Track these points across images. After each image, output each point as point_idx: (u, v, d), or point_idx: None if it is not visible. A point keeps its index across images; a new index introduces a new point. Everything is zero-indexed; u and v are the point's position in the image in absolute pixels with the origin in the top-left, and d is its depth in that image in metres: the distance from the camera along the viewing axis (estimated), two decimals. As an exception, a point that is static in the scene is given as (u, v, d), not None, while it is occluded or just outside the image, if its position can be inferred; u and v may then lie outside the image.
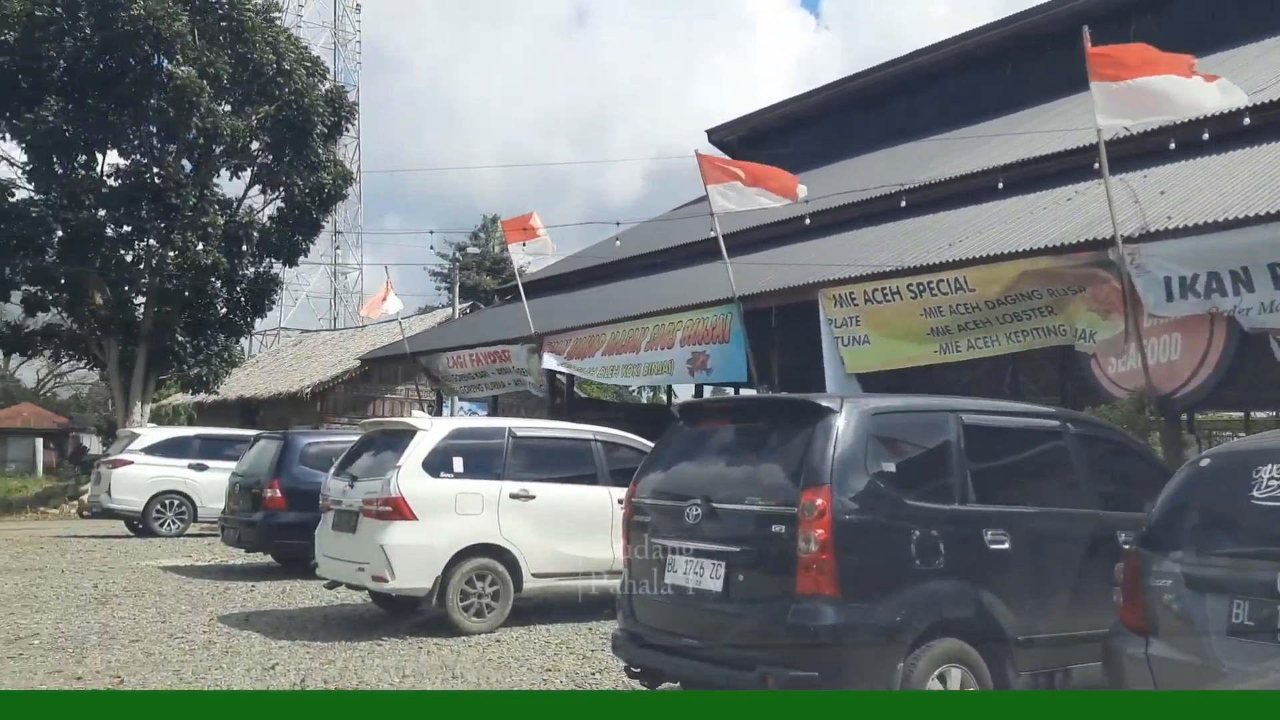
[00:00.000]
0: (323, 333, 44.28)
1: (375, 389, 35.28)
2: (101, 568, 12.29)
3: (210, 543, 15.30)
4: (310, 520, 11.45)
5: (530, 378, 17.72)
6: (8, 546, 14.52)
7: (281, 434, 12.54)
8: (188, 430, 17.24)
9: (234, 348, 25.36)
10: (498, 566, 8.77)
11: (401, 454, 8.69)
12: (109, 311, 23.02)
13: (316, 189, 24.34)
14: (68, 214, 21.69)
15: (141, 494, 15.79)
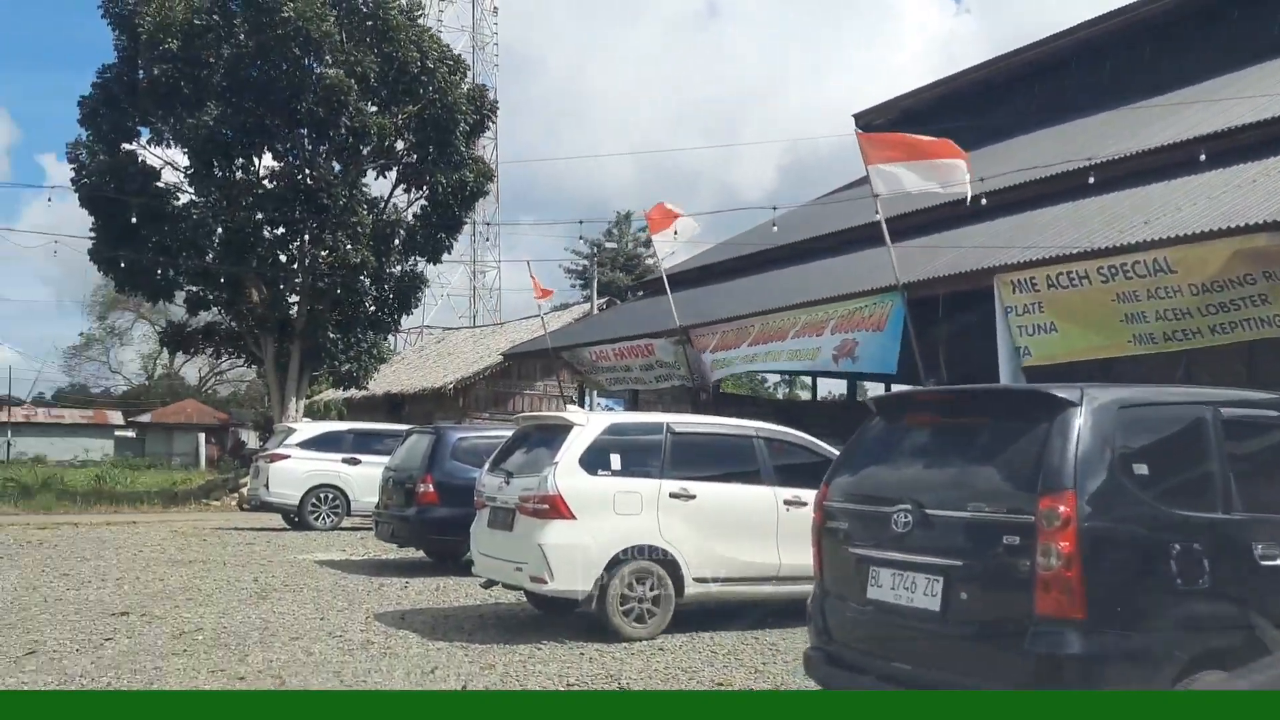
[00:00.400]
0: (463, 330, 45.03)
1: (515, 384, 35.64)
2: (261, 561, 12.42)
3: (363, 537, 15.41)
4: (462, 516, 11.26)
5: (680, 370, 17.23)
6: (174, 539, 14.96)
7: (433, 429, 12.42)
8: (341, 425, 17.49)
9: (382, 344, 25.83)
10: (658, 570, 8.29)
11: (558, 450, 8.31)
12: (265, 309, 23.76)
13: (459, 186, 24.54)
14: (226, 216, 22.46)
15: (297, 488, 16.07)
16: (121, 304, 62.77)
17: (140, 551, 13.15)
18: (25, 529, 16.23)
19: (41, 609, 9.09)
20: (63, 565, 11.80)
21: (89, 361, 64.44)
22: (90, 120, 22.82)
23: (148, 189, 22.49)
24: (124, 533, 15.92)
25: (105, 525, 17.68)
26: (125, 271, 23.23)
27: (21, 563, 11.93)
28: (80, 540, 14.58)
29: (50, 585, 10.32)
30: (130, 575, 11.07)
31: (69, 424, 50.82)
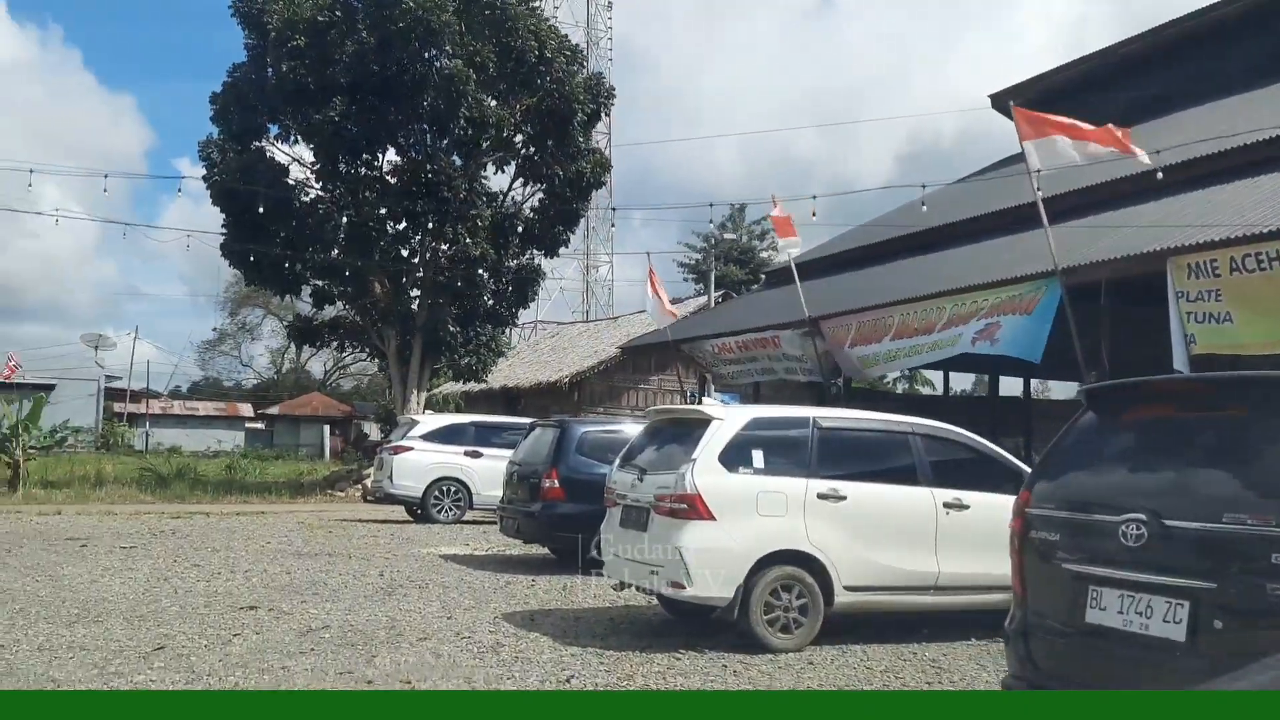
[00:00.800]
0: (578, 324, 44.96)
1: (629, 379, 35.32)
2: (385, 555, 12.23)
3: (486, 531, 15.16)
4: (589, 513, 10.82)
5: (807, 364, 16.46)
6: (300, 530, 14.97)
7: (557, 421, 12.01)
8: (463, 417, 17.33)
9: (500, 338, 25.75)
10: (805, 576, 7.63)
11: (695, 446, 7.72)
12: (388, 303, 23.90)
13: (576, 178, 24.24)
14: (351, 210, 22.64)
15: (421, 480, 15.94)
16: (251, 300, 65.17)
17: (268, 543, 13.14)
18: (160, 518, 16.55)
19: (172, 600, 8.99)
20: (194, 556, 11.82)
21: (221, 356, 67.14)
22: (221, 118, 23.30)
23: (276, 185, 22.83)
24: (252, 523, 16.07)
25: (235, 515, 17.93)
26: (255, 266, 23.69)
27: (155, 552, 12.01)
28: (211, 530, 14.73)
29: (181, 576, 10.28)
30: (258, 567, 10.98)
31: (202, 416, 52.82)
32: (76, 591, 9.29)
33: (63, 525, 14.87)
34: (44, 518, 16.27)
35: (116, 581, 9.87)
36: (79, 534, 13.63)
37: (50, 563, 10.90)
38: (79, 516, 16.65)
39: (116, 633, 7.68)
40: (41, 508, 17.85)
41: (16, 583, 9.67)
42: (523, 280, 25.37)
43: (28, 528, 14.37)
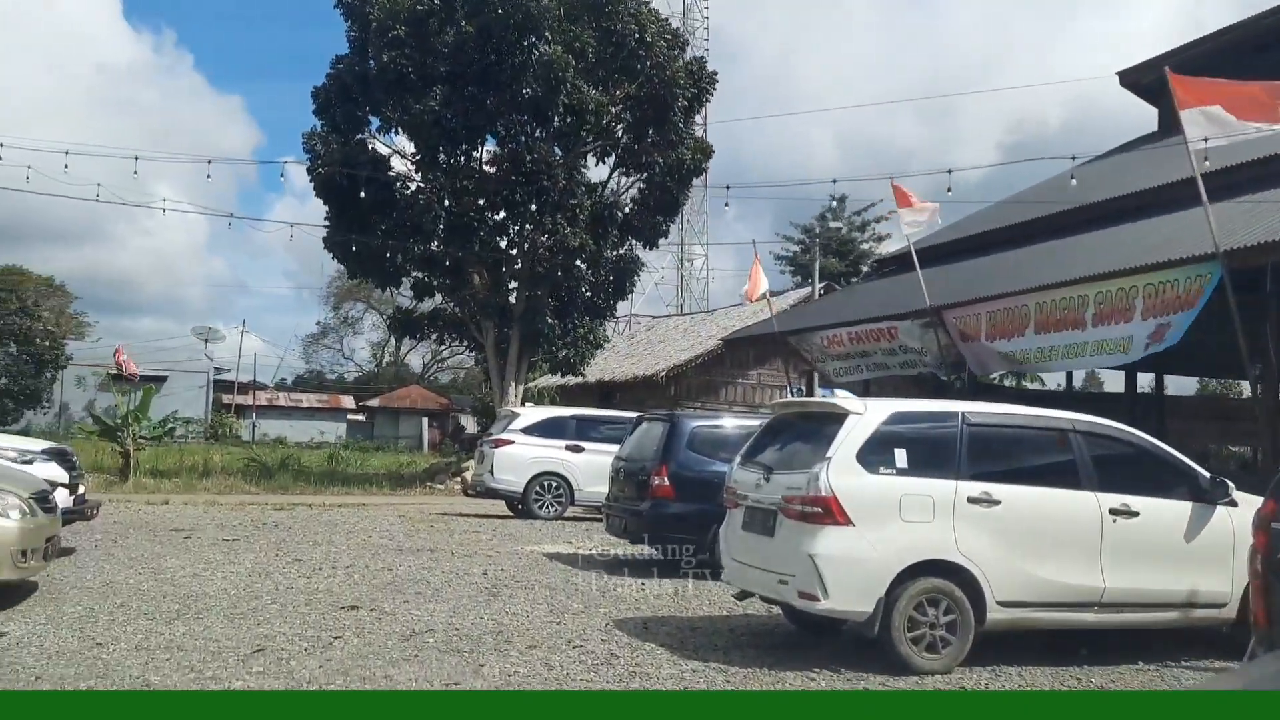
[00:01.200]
0: (673, 318, 44.35)
1: (727, 373, 34.56)
2: (488, 552, 11.76)
3: (588, 528, 14.62)
4: (700, 513, 10.19)
5: (926, 357, 15.47)
6: (401, 524, 14.66)
7: (666, 415, 11.36)
8: (564, 410, 16.84)
9: (598, 330, 25.25)
10: (954, 590, 6.82)
11: (830, 443, 6.96)
12: (486, 295, 23.63)
13: (677, 165, 23.60)
14: (450, 201, 22.40)
15: (522, 474, 15.49)
16: (353, 294, 66.42)
17: (369, 537, 12.82)
18: (263, 509, 16.46)
19: (272, 597, 8.63)
20: (295, 549, 11.54)
21: (324, 349, 68.58)
22: (324, 111, 23.32)
23: (377, 177, 22.75)
24: (354, 515, 15.85)
25: (337, 507, 17.79)
26: (356, 258, 23.65)
27: (257, 545, 11.77)
28: (312, 522, 14.52)
29: (283, 571, 9.95)
30: (360, 563, 10.60)
31: (306, 407, 53.92)
32: (178, 585, 9.02)
33: (169, 515, 14.85)
34: (151, 507, 16.34)
35: (218, 576, 9.59)
36: (184, 525, 13.55)
37: (154, 554, 10.71)
38: (185, 507, 16.69)
39: (216, 631, 7.32)
40: (150, 497, 18.00)
41: (120, 575, 9.46)
42: (621, 271, 24.84)
43: (135, 517, 14.37)
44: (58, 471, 10.16)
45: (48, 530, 8.31)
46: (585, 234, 22.54)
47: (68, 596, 8.41)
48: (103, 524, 13.13)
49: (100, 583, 9.04)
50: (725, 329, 36.02)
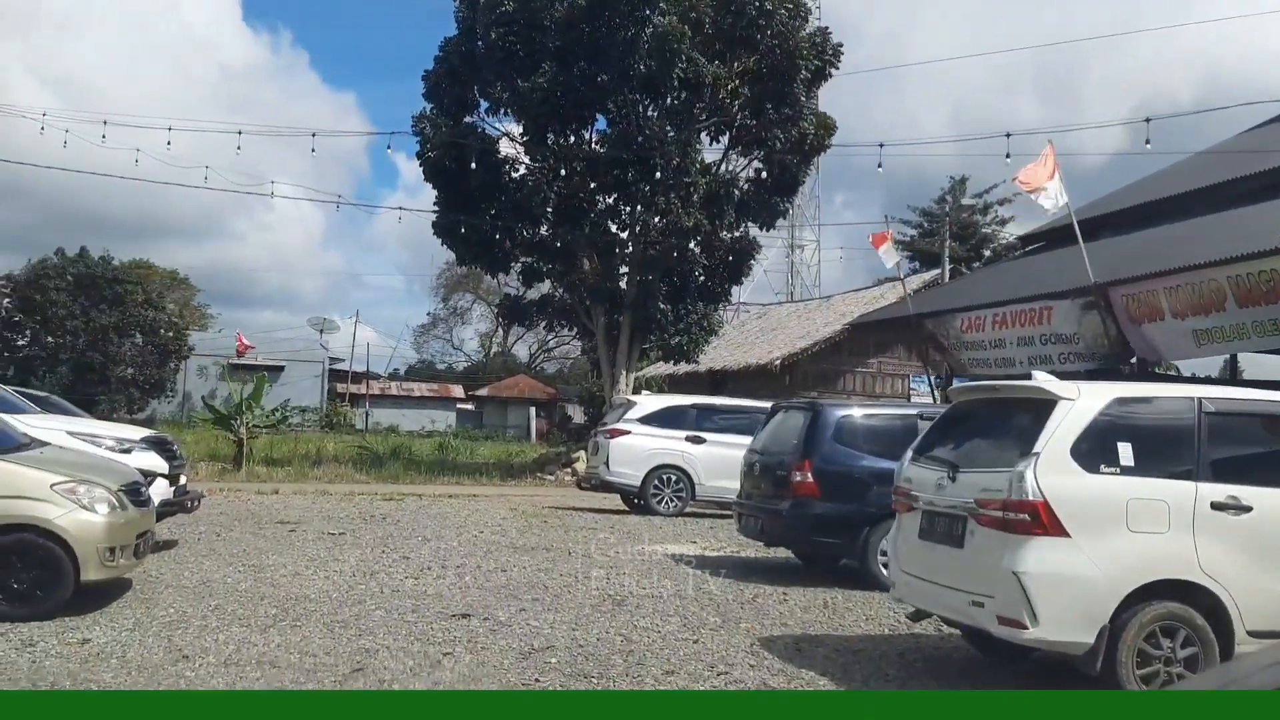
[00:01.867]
0: (785, 305, 42.86)
1: (845, 361, 33.06)
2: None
3: (711, 525, 13.49)
4: (849, 514, 8.97)
5: (1079, 345, 13.80)
6: (514, 518, 13.75)
7: (808, 404, 10.11)
8: (684, 399, 15.66)
9: (712, 316, 24.03)
10: (1195, 617, 5.48)
11: (1035, 435, 5.66)
12: (596, 280, 22.69)
13: (798, 141, 22.21)
14: (559, 183, 21.50)
15: (639, 467, 14.38)
16: (462, 286, 66.71)
17: (480, 533, 11.93)
18: (372, 500, 15.83)
19: (377, 602, 7.74)
20: (403, 545, 10.70)
21: (435, 339, 69.16)
22: (433, 94, 22.71)
23: (486, 159, 22.02)
24: (464, 508, 15.05)
25: (447, 498, 17.08)
26: (465, 243, 22.99)
27: (363, 540, 10.99)
28: (422, 515, 13.74)
29: (389, 571, 9.09)
30: (471, 563, 9.68)
31: (417, 397, 54.14)
32: (278, 586, 8.23)
33: (276, 506, 14.30)
34: (261, 497, 15.88)
35: (320, 575, 8.78)
36: (290, 517, 12.92)
37: (256, 550, 10.01)
38: (294, 496, 16.19)
39: (313, 644, 6.45)
40: (260, 486, 17.61)
41: (218, 573, 8.74)
42: (738, 254, 23.63)
43: (243, 508, 13.85)
44: (156, 461, 9.53)
45: (139, 525, 7.60)
46: (700, 214, 21.35)
47: (161, 597, 7.69)
48: (209, 515, 12.60)
49: (197, 581, 8.32)
50: (843, 315, 34.40)
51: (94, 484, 7.27)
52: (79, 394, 39.29)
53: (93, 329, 39.76)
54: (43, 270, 40.30)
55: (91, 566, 7.04)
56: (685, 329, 23.07)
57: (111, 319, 40.17)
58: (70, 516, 7.00)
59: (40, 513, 6.95)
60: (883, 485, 8.94)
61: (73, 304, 39.82)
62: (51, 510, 6.98)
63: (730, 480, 14.23)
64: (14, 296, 39.76)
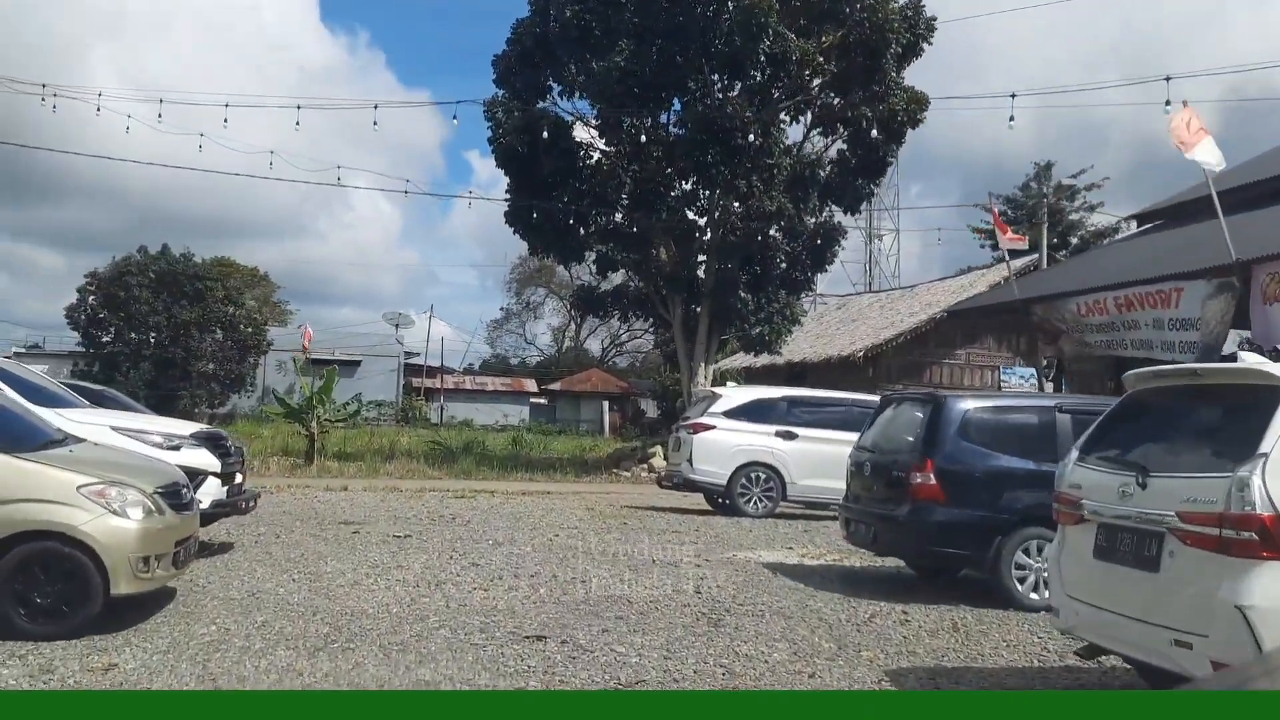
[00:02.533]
0: (865, 295, 41.25)
1: (932, 352, 31.45)
2: (695, 560, 9.61)
3: (807, 529, 12.29)
4: (978, 521, 7.74)
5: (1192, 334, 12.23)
6: (591, 519, 12.72)
7: (927, 394, 8.89)
8: (772, 390, 14.40)
9: (795, 305, 22.75)
10: None
11: (1260, 431, 4.40)
12: (673, 268, 21.59)
13: (887, 118, 20.83)
14: (635, 167, 20.45)
15: (725, 465, 13.20)
16: (534, 280, 66.26)
17: (556, 536, 10.92)
18: (443, 498, 14.97)
19: (441, 619, 6.77)
20: (473, 550, 9.74)
21: (508, 334, 68.92)
22: (505, 79, 21.85)
23: (559, 144, 21.07)
24: (538, 507, 14.09)
25: (520, 495, 16.19)
26: (538, 232, 22.08)
27: (431, 544, 10.06)
28: (494, 515, 12.80)
29: (457, 581, 8.13)
30: (546, 571, 8.67)
31: (491, 391, 53.72)
32: (333, 599, 7.31)
33: (343, 504, 13.51)
34: (329, 493, 15.16)
35: (381, 585, 7.86)
36: (355, 516, 12.08)
37: (315, 555, 9.14)
38: (363, 493, 15.44)
39: (366, 672, 5.50)
40: (330, 482, 16.92)
41: (270, 581, 7.88)
42: (822, 240, 22.27)
43: (308, 506, 13.08)
44: (207, 459, 8.71)
45: (179, 531, 6.74)
46: (783, 198, 20.11)
47: (203, 611, 6.82)
48: (271, 514, 11.85)
49: (246, 592, 7.45)
50: (929, 305, 32.77)
51: (127, 486, 6.42)
52: (162, 390, 39.66)
53: (174, 325, 40.00)
54: (125, 267, 40.67)
55: (123, 578, 6.19)
56: (766, 318, 21.84)
57: (192, 315, 40.38)
58: (99, 522, 6.17)
59: (65, 518, 6.13)
60: (1018, 488, 7.73)
61: (155, 300, 40.12)
62: (78, 515, 6.15)
63: (825, 479, 13.08)
64: (98, 293, 40.20)
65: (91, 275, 40.79)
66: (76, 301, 40.40)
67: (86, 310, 40.25)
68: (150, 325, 40.09)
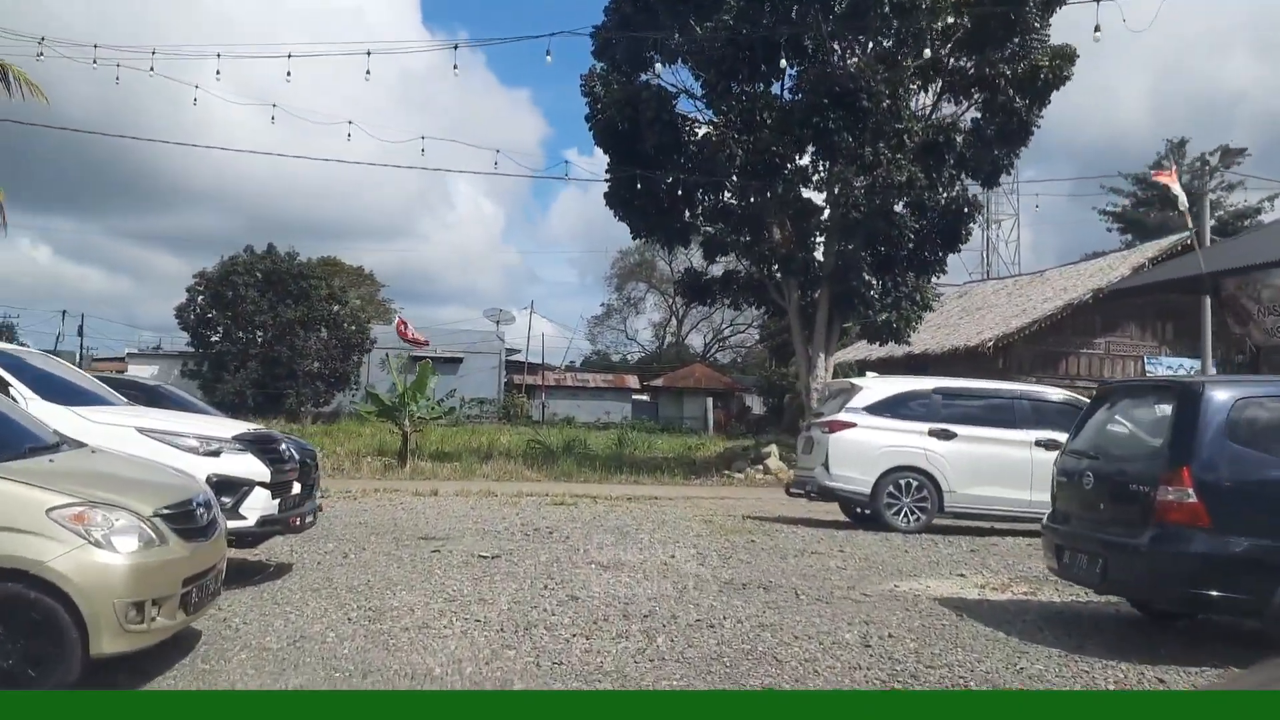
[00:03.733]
0: (989, 282, 38.26)
1: (1068, 341, 28.69)
2: (849, 593, 7.56)
3: (973, 547, 10.09)
4: (1261, 553, 5.54)
5: None
6: (710, 534, 10.70)
7: (1172, 382, 6.65)
8: (923, 381, 12.02)
9: (926, 289, 20.35)
10: None
11: None
12: (789, 249, 19.47)
13: (1029, 77, 18.33)
14: (746, 139, 18.40)
15: (870, 469, 11.02)
16: (635, 275, 64.65)
17: (671, 557, 8.98)
18: (540, 504, 13.22)
19: (527, 682, 4.95)
20: (573, 577, 7.88)
21: (609, 330, 67.55)
22: (604, 51, 20.09)
23: (662, 119, 19.15)
24: (647, 516, 12.22)
25: (625, 501, 14.37)
26: (640, 214, 20.22)
27: (523, 567, 8.26)
28: (597, 527, 10.94)
29: (550, 622, 6.28)
30: (663, 610, 6.73)
31: (593, 388, 52.25)
32: (393, 650, 5.57)
33: (429, 513, 11.87)
34: (417, 499, 13.62)
35: (456, 628, 6.08)
36: (439, 529, 10.39)
37: (383, 583, 7.44)
38: (454, 498, 13.85)
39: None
40: (421, 485, 15.40)
41: (322, 621, 6.18)
42: (955, 216, 19.83)
43: (389, 516, 11.48)
44: (253, 466, 7.10)
45: (193, 564, 5.09)
46: (913, 167, 17.80)
47: (226, 668, 5.16)
48: (344, 527, 10.29)
49: (288, 639, 5.76)
50: (1062, 291, 29.90)
51: (116, 507, 4.79)
52: (268, 389, 39.37)
53: (280, 324, 39.67)
54: (232, 267, 40.53)
55: (106, 632, 4.57)
56: (893, 303, 19.56)
57: (297, 313, 40.00)
58: (73, 557, 4.56)
59: (29, 552, 4.53)
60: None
61: (261, 299, 39.88)
62: (48, 548, 4.55)
63: (990, 486, 10.88)
64: (206, 292, 40.16)
65: (200, 275, 40.78)
66: (186, 301, 40.44)
67: (195, 310, 40.25)
68: (256, 324, 39.85)
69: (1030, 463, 10.72)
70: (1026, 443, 10.85)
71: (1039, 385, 13.94)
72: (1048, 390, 12.26)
